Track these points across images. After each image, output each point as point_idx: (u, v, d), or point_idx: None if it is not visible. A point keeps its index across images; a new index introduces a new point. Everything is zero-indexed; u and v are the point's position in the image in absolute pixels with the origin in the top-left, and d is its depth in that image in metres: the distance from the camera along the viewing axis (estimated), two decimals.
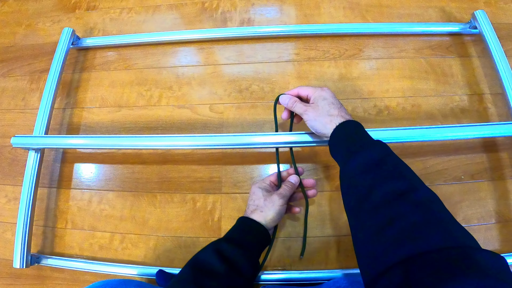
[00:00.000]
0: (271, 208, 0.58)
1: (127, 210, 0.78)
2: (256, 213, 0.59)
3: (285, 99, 0.63)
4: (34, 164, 0.74)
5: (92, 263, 0.73)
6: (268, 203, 0.59)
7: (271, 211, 0.58)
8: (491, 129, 0.65)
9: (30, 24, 1.02)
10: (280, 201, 0.59)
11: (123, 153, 0.82)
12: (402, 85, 0.81)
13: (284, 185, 0.63)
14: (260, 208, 0.59)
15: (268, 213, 0.58)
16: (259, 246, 0.57)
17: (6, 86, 0.94)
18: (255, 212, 0.59)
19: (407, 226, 0.38)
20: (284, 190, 0.62)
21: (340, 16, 0.91)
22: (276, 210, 0.58)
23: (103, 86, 0.89)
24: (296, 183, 0.64)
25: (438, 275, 0.32)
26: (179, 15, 0.96)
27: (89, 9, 1.01)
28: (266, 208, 0.59)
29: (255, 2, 0.95)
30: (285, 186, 0.63)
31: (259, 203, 0.60)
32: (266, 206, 0.59)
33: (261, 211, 0.59)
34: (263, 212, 0.58)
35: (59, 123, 0.87)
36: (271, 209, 0.58)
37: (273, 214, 0.58)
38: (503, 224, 0.71)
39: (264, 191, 0.62)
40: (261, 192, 0.62)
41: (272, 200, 0.60)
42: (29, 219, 0.72)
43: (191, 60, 0.89)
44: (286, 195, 0.61)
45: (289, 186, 0.63)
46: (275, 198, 0.60)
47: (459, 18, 0.88)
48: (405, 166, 0.48)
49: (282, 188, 0.62)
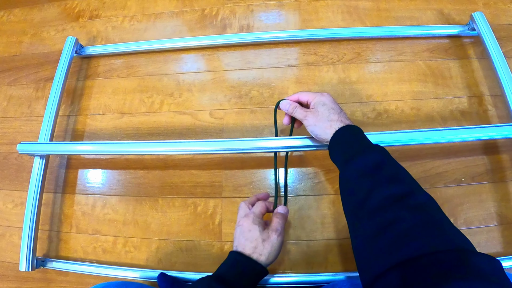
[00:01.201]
0: (272, 251, 0.55)
1: (130, 214, 0.79)
2: (255, 255, 0.55)
3: (286, 105, 0.63)
4: (40, 170, 0.76)
5: (96, 266, 0.74)
6: (267, 245, 0.56)
7: (272, 254, 0.55)
8: (492, 131, 0.64)
9: (35, 33, 1.05)
10: (279, 239, 0.57)
11: (126, 159, 0.83)
12: (401, 88, 0.82)
13: (276, 219, 0.60)
14: (259, 251, 0.55)
15: (270, 256, 0.55)
16: (252, 283, 0.54)
17: (12, 94, 0.96)
18: (254, 254, 0.55)
19: (404, 229, 0.39)
20: (278, 224, 0.58)
21: (339, 20, 0.91)
22: (277, 250, 0.56)
23: (106, 93, 0.91)
24: (286, 214, 0.63)
25: (434, 278, 0.32)
26: (179, 22, 0.98)
27: (92, 18, 1.03)
28: (265, 251, 0.55)
29: (254, 9, 0.96)
30: (277, 220, 0.59)
31: (257, 245, 0.55)
32: (266, 248, 0.55)
33: (260, 254, 0.55)
34: (262, 255, 0.55)
35: (64, 130, 0.89)
36: (272, 252, 0.55)
37: (275, 254, 0.56)
38: (505, 227, 0.70)
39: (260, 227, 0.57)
40: (257, 230, 0.57)
41: (271, 241, 0.56)
42: (34, 224, 0.73)
43: (192, 67, 0.91)
44: (281, 230, 0.58)
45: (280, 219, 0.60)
46: (273, 238, 0.56)
47: (458, 20, 0.88)
48: (403, 170, 0.48)
49: (275, 223, 0.59)
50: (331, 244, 0.72)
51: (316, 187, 0.76)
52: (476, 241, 0.70)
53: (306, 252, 0.72)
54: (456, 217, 0.71)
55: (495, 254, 0.69)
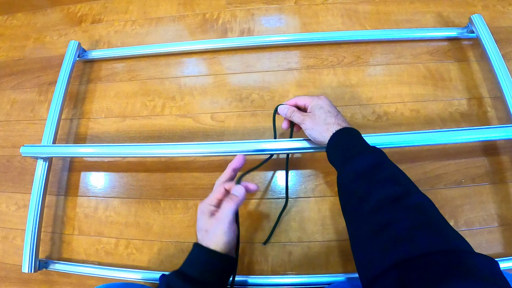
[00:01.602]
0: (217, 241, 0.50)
1: (131, 216, 0.79)
2: (207, 240, 0.51)
3: (284, 110, 0.64)
4: (43, 172, 0.77)
5: (98, 268, 0.74)
6: (210, 235, 0.51)
7: (219, 244, 0.50)
8: (491, 132, 0.65)
9: (38, 37, 1.06)
10: (220, 227, 0.51)
11: (128, 162, 0.84)
12: (400, 90, 0.82)
13: (223, 203, 0.54)
14: (209, 234, 0.52)
15: (219, 240, 0.50)
16: (220, 276, 0.51)
17: (16, 98, 0.97)
18: (205, 239, 0.52)
19: (401, 230, 0.39)
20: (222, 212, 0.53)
21: (338, 23, 0.92)
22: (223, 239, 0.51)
23: (108, 97, 0.92)
24: (241, 196, 0.55)
25: (431, 278, 0.32)
26: (181, 26, 0.99)
27: (94, 22, 1.04)
28: (210, 241, 0.51)
29: (255, 13, 0.97)
30: (223, 205, 0.53)
31: (203, 235, 0.52)
32: (210, 238, 0.51)
33: (211, 238, 0.51)
34: (213, 239, 0.51)
35: (67, 133, 0.89)
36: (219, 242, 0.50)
37: (224, 238, 0.50)
38: (505, 227, 0.71)
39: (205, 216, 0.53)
40: (202, 220, 0.53)
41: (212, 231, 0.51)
42: (37, 226, 0.74)
43: (193, 71, 0.91)
44: (230, 217, 0.52)
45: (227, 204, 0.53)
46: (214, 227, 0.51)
47: (457, 22, 0.88)
48: (399, 171, 0.48)
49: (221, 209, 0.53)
50: (332, 246, 0.72)
51: (316, 189, 0.76)
52: (477, 242, 0.70)
53: (307, 254, 0.72)
54: (456, 218, 0.72)
55: (496, 255, 0.69)
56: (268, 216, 0.75)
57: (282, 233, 0.74)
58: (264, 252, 0.73)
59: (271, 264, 0.72)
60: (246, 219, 0.76)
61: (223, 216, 0.52)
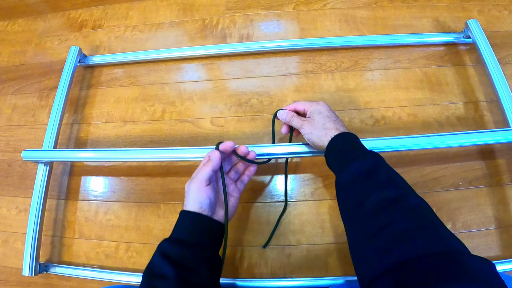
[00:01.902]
0: (191, 199, 0.53)
1: (132, 220, 0.80)
2: (185, 204, 0.55)
3: (283, 115, 0.64)
4: (44, 176, 0.77)
5: (99, 272, 0.75)
6: (186, 193, 0.55)
7: (193, 202, 0.53)
8: (488, 136, 0.65)
9: (39, 42, 1.07)
10: (194, 186, 0.54)
11: (128, 166, 0.85)
12: (397, 95, 0.83)
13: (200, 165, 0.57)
14: (185, 201, 0.55)
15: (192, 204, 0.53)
16: (204, 237, 0.53)
17: (17, 103, 0.98)
18: (184, 206, 0.55)
19: (397, 232, 0.39)
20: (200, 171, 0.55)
21: (336, 29, 0.93)
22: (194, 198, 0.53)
23: (108, 102, 0.92)
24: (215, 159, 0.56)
25: (428, 280, 0.33)
26: (180, 32, 1.00)
27: (94, 28, 1.05)
28: (187, 200, 0.54)
29: (254, 18, 0.98)
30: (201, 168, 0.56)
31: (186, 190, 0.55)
32: (186, 197, 0.54)
33: (185, 204, 0.54)
34: (187, 205, 0.54)
35: (67, 138, 0.90)
36: (191, 199, 0.53)
37: (195, 202, 0.53)
38: (503, 230, 0.71)
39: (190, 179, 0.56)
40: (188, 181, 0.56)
41: (189, 187, 0.55)
42: (38, 229, 0.74)
43: (193, 76, 0.92)
44: (201, 177, 0.54)
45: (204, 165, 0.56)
46: (191, 184, 0.54)
47: (453, 27, 0.89)
48: (396, 175, 0.49)
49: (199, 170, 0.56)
50: (331, 249, 0.73)
51: (315, 192, 0.77)
52: (475, 244, 0.71)
53: (306, 257, 0.72)
54: (454, 221, 0.72)
55: (493, 257, 0.69)
56: (268, 219, 0.76)
57: (281, 236, 0.74)
58: (264, 255, 0.74)
59: (271, 267, 0.73)
60: (246, 222, 0.76)
61: (196, 178, 0.54)
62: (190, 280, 0.48)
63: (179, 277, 0.46)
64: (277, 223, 0.74)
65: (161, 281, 0.46)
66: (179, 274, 0.47)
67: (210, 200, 0.54)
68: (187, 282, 0.47)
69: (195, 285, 0.48)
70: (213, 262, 0.53)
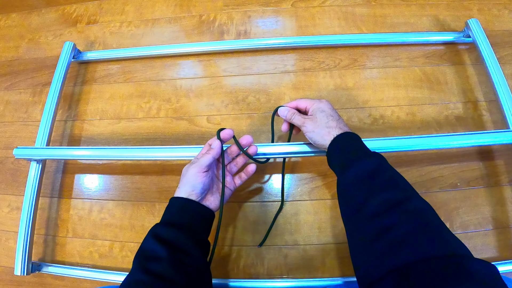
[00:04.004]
0: (185, 182, 0.56)
1: (126, 219, 0.79)
2: (177, 189, 0.56)
3: (284, 111, 0.63)
4: (36, 174, 0.76)
5: (92, 271, 0.74)
6: (183, 177, 0.57)
7: (186, 185, 0.55)
8: (486, 137, 0.65)
9: (32, 38, 1.05)
10: (192, 170, 0.56)
11: (123, 164, 0.84)
12: (396, 94, 0.82)
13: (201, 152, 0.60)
14: (180, 183, 0.57)
15: (183, 188, 0.55)
16: (195, 221, 0.55)
17: (9, 99, 0.96)
18: (178, 188, 0.57)
19: (400, 235, 0.39)
20: (201, 157, 0.57)
21: (335, 26, 0.92)
22: (189, 181, 0.55)
23: (103, 98, 0.91)
24: (216, 148, 0.59)
25: (430, 283, 0.32)
26: (177, 28, 0.98)
27: (89, 23, 1.04)
28: (181, 182, 0.56)
29: (251, 15, 0.96)
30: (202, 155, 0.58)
31: (184, 173, 0.58)
32: (182, 180, 0.57)
33: (179, 186, 0.57)
34: (179, 187, 0.56)
35: (61, 135, 0.88)
36: (186, 182, 0.55)
37: (188, 186, 0.55)
38: (500, 231, 0.71)
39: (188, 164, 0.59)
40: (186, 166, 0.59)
41: (186, 171, 0.57)
42: (30, 228, 0.73)
43: (189, 73, 0.91)
44: (201, 163, 0.56)
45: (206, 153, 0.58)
46: (189, 168, 0.57)
47: (453, 26, 0.89)
48: (399, 176, 0.48)
49: (200, 157, 0.58)
50: (328, 249, 0.72)
51: (313, 192, 0.76)
52: (472, 245, 0.71)
53: (303, 257, 0.72)
54: (451, 221, 0.72)
55: (491, 258, 0.69)
56: (264, 218, 0.75)
57: (278, 236, 0.74)
58: (260, 255, 0.73)
59: (267, 267, 0.72)
60: (242, 221, 0.76)
61: (196, 163, 0.56)
62: (184, 261, 0.48)
63: (173, 258, 0.47)
64: (273, 222, 0.73)
65: (155, 263, 0.47)
66: (173, 255, 0.47)
67: (204, 186, 0.56)
68: (181, 263, 0.48)
69: (189, 265, 0.49)
70: (204, 245, 0.55)
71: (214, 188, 0.61)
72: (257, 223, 0.75)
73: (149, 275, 0.45)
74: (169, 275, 0.45)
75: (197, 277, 0.49)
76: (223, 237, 0.75)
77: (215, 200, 0.60)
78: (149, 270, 0.46)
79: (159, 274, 0.45)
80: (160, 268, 0.46)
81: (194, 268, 0.49)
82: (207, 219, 0.57)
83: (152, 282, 0.45)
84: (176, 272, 0.46)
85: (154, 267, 0.46)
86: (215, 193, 0.61)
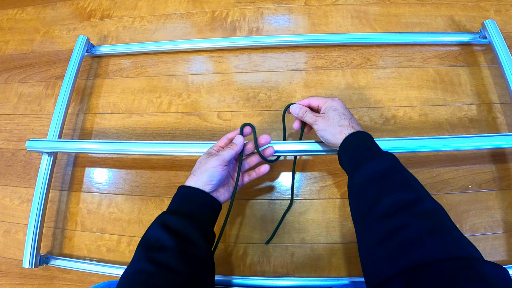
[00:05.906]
0: (203, 171, 0.55)
1: (135, 213, 0.79)
2: (191, 178, 0.56)
3: (296, 109, 0.63)
4: (47, 167, 0.77)
5: (99, 265, 0.74)
6: (202, 166, 0.56)
7: (203, 174, 0.55)
8: (500, 140, 0.64)
9: (47, 31, 1.06)
10: (214, 162, 0.56)
11: (133, 158, 0.84)
12: (409, 94, 0.81)
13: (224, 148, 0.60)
14: (194, 171, 0.57)
15: (200, 176, 0.55)
16: (204, 212, 0.55)
17: (23, 92, 0.97)
18: (190, 177, 0.57)
19: (410, 236, 0.39)
20: (223, 151, 0.58)
21: (348, 25, 0.91)
22: (208, 172, 0.55)
23: (115, 92, 0.92)
24: (240, 144, 0.60)
25: (440, 285, 0.32)
26: (189, 24, 0.99)
27: (103, 18, 1.04)
28: (199, 171, 0.56)
29: (264, 12, 0.96)
30: (226, 148, 0.60)
31: (195, 168, 0.58)
32: (200, 168, 0.56)
33: (194, 174, 0.56)
34: (195, 175, 0.56)
35: (72, 128, 0.89)
36: (204, 172, 0.55)
37: (206, 176, 0.55)
38: (510, 234, 0.70)
39: (206, 155, 0.59)
40: (206, 154, 0.59)
41: (206, 162, 0.56)
42: (40, 221, 0.74)
43: (201, 69, 0.91)
44: (224, 157, 0.57)
45: (229, 148, 0.59)
46: (210, 159, 0.56)
47: (469, 27, 0.87)
48: (411, 177, 0.48)
49: (222, 151, 0.59)
50: (335, 248, 0.72)
51: (322, 191, 0.76)
52: (482, 248, 0.70)
53: (310, 256, 0.71)
54: (462, 224, 0.71)
55: (500, 261, 0.69)
56: (272, 216, 0.75)
57: (285, 234, 0.73)
58: (266, 253, 0.73)
59: (273, 265, 0.72)
60: (249, 218, 0.75)
61: (219, 156, 0.57)
62: (191, 252, 0.48)
63: (180, 248, 0.47)
64: (282, 219, 0.73)
65: (162, 252, 0.46)
66: (180, 245, 0.47)
67: (221, 179, 0.57)
68: (187, 254, 0.48)
69: (195, 257, 0.48)
70: (210, 236, 0.55)
71: (226, 184, 0.62)
72: (264, 220, 0.75)
73: (154, 264, 0.45)
74: (174, 265, 0.45)
75: (201, 269, 0.49)
76: (230, 234, 0.75)
77: (224, 193, 0.60)
78: (154, 260, 0.45)
79: (165, 264, 0.45)
80: (166, 258, 0.45)
81: (200, 259, 0.49)
82: (215, 211, 0.58)
83: (157, 272, 0.44)
84: (182, 263, 0.46)
85: (160, 257, 0.46)
86: (225, 186, 0.61)
